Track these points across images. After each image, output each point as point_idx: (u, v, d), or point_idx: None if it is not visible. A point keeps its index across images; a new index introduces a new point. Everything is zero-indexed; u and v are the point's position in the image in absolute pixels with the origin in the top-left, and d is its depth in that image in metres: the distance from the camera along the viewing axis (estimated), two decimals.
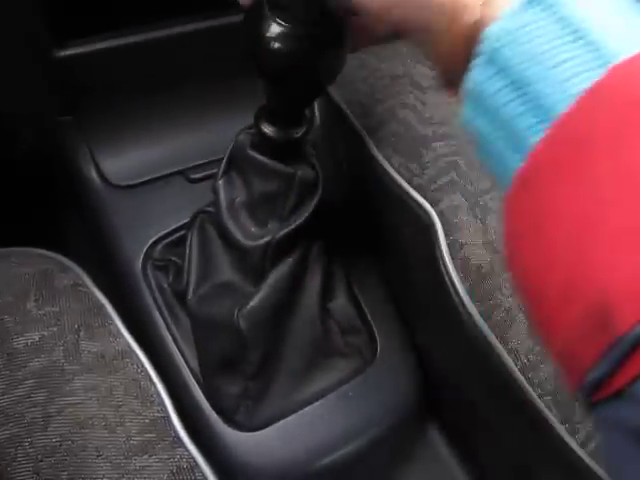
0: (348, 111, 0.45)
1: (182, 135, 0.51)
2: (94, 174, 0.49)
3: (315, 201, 0.38)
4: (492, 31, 0.18)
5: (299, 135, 0.36)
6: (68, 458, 0.28)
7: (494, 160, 0.19)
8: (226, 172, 0.40)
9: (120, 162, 0.49)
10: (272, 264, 0.38)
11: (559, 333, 0.17)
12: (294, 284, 0.40)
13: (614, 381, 0.15)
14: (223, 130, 0.51)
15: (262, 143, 0.37)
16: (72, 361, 0.30)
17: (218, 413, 0.40)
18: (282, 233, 0.37)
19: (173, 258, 0.43)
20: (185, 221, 0.46)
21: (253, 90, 0.51)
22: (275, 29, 0.29)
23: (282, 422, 0.40)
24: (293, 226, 0.38)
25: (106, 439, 0.29)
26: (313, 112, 0.50)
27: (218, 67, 0.49)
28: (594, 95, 0.16)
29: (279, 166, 0.37)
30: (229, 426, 0.40)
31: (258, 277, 0.39)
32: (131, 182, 0.48)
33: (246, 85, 0.51)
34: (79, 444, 0.29)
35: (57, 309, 0.32)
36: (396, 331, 0.46)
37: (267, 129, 0.36)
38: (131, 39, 0.46)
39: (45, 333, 0.31)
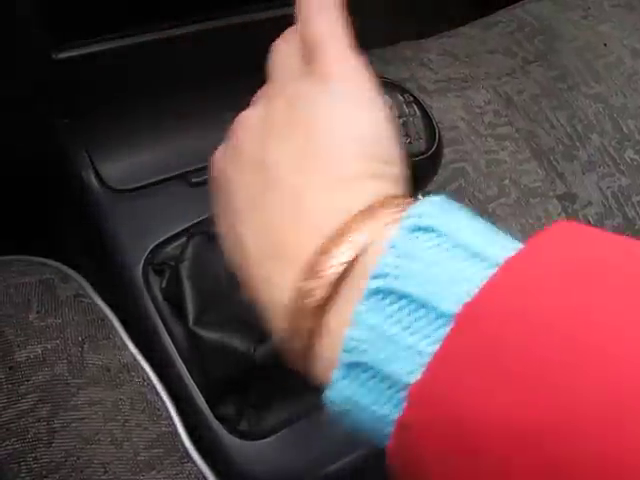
0: None
1: (182, 138, 0.50)
2: (92, 178, 0.48)
3: None
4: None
5: None
6: (74, 474, 0.28)
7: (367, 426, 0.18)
8: None
9: (119, 166, 0.48)
10: None
11: None
12: None
13: None
14: (224, 132, 0.50)
15: None
16: (76, 374, 0.30)
17: (221, 422, 0.39)
18: None
19: (170, 262, 0.42)
20: (186, 225, 0.45)
21: (254, 92, 0.51)
22: None
23: (285, 430, 0.40)
24: None
25: (113, 455, 0.28)
26: None
27: (219, 68, 0.49)
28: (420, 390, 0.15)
29: None
30: (232, 435, 0.39)
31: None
32: (130, 186, 0.47)
33: (247, 86, 0.50)
34: (85, 460, 0.28)
35: (60, 321, 0.31)
36: None
37: None
38: (131, 40, 0.45)
39: (48, 346, 0.30)
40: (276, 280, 0.19)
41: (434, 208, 0.17)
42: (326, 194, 0.19)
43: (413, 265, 0.16)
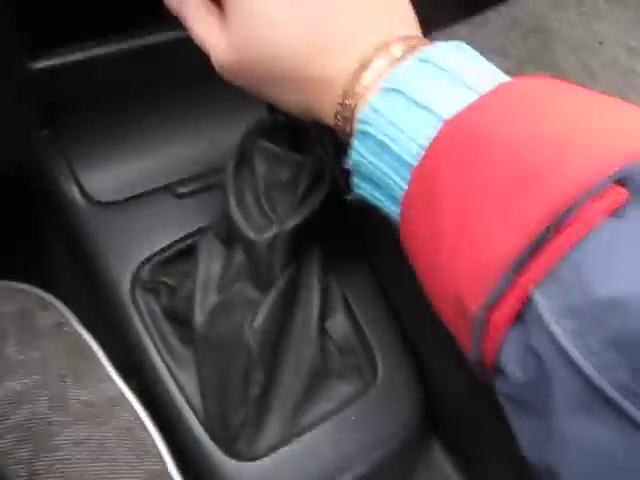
0: None
1: (167, 148, 0.49)
2: (75, 190, 0.46)
3: (323, 192, 0.37)
4: (361, 115, 0.24)
5: (312, 120, 0.35)
6: None
7: (383, 183, 0.24)
8: (236, 165, 0.38)
9: (102, 177, 0.46)
10: (280, 262, 0.37)
11: (453, 330, 0.22)
12: (294, 299, 0.39)
13: (484, 361, 0.20)
14: (210, 142, 0.49)
15: (273, 130, 0.36)
16: (59, 412, 0.28)
17: (217, 443, 0.38)
18: (292, 224, 0.36)
19: (164, 279, 0.41)
20: (173, 239, 0.43)
21: (240, 101, 0.49)
22: None
23: (283, 449, 0.39)
24: (303, 216, 0.36)
25: None
26: None
27: (202, 76, 0.47)
28: (433, 146, 0.21)
29: (290, 153, 0.36)
30: (228, 456, 0.38)
31: (264, 279, 0.37)
32: (114, 198, 0.45)
33: (232, 96, 0.49)
34: None
35: (40, 353, 0.30)
36: (397, 351, 0.45)
37: (280, 114, 0.35)
38: (109, 49, 0.43)
39: (27, 381, 0.29)
40: (334, 73, 0.25)
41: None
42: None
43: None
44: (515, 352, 0.18)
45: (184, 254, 0.42)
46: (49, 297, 0.34)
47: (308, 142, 0.38)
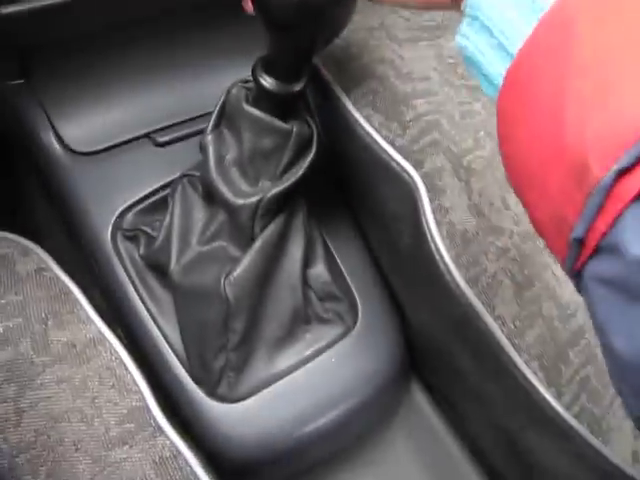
0: (323, 69, 0.42)
1: (146, 97, 0.48)
2: (54, 141, 0.45)
3: (309, 159, 0.37)
4: None
5: (299, 89, 0.34)
6: (45, 453, 0.27)
7: (486, 70, 0.22)
8: (216, 127, 0.38)
9: (81, 127, 0.46)
10: (260, 225, 0.37)
11: (546, 201, 0.19)
12: (278, 250, 0.39)
13: (592, 236, 0.17)
14: (189, 90, 0.48)
15: (259, 97, 0.35)
16: (41, 352, 0.29)
17: (200, 386, 0.39)
18: (274, 192, 0.36)
19: (143, 228, 0.41)
20: (154, 187, 0.43)
21: (220, 50, 0.48)
22: None
23: (265, 392, 0.40)
24: (286, 184, 0.36)
25: (84, 432, 0.28)
26: (312, 67, 0.46)
27: (183, 20, 0.46)
28: None
29: (276, 122, 0.36)
30: (211, 398, 0.39)
31: (245, 239, 0.38)
32: (94, 148, 0.45)
33: (212, 45, 0.48)
34: (56, 438, 0.27)
35: (21, 297, 0.30)
36: (377, 296, 0.45)
37: (266, 82, 0.34)
38: None
39: (10, 324, 0.29)
40: None
41: None
42: None
43: None
44: (638, 226, 0.16)
45: (165, 202, 0.43)
46: (30, 244, 0.34)
47: (293, 108, 0.37)
